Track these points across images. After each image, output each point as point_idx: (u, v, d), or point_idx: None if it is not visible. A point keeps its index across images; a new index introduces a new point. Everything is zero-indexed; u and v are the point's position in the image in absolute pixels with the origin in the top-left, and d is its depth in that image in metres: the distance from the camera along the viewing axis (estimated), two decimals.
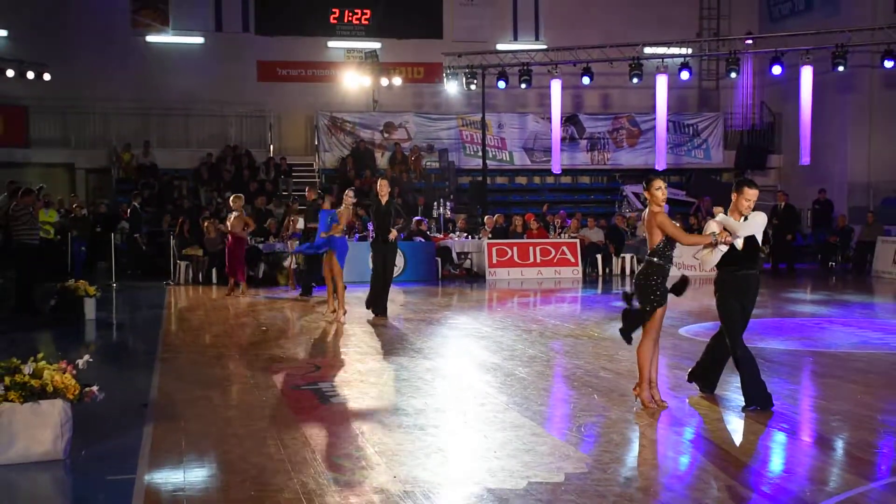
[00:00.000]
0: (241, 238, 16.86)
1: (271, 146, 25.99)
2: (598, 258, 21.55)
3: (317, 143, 25.91)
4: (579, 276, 20.63)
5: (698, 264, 20.06)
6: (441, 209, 22.62)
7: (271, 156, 25.36)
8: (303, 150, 26.53)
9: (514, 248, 20.76)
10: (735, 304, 7.61)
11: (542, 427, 7.21)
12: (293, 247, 17.88)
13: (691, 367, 8.34)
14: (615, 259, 21.62)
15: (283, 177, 24.64)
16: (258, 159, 24.92)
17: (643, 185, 7.71)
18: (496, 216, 22.00)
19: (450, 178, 25.42)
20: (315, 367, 9.83)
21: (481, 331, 12.52)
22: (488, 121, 25.18)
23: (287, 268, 18.88)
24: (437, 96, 26.82)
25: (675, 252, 7.62)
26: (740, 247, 7.51)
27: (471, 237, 21.55)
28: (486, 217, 22.17)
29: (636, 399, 7.72)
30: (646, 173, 27.19)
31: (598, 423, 7.34)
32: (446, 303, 16.47)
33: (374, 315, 13.62)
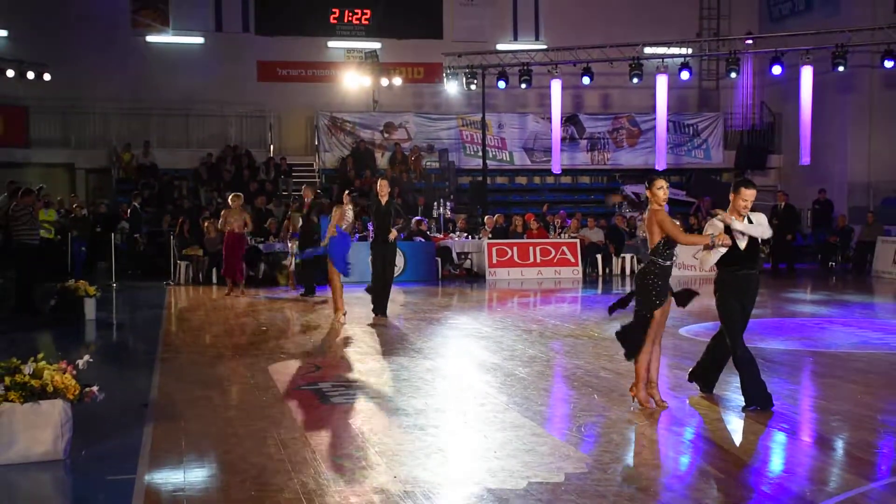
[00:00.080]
0: (240, 236, 16.88)
1: (271, 146, 26.00)
2: (599, 258, 21.56)
3: (317, 143, 25.91)
4: (579, 276, 20.63)
5: (698, 264, 20.09)
6: (441, 209, 22.62)
7: (271, 156, 25.36)
8: (303, 150, 26.53)
9: (515, 248, 20.76)
10: (735, 304, 7.61)
11: (543, 427, 7.21)
12: (293, 247, 17.88)
13: (691, 367, 8.34)
14: (615, 259, 21.63)
15: (283, 177, 24.64)
16: (258, 159, 24.92)
17: (645, 184, 7.72)
18: (496, 216, 22.00)
19: (450, 178, 25.41)
20: (315, 367, 9.83)
21: (481, 331, 12.52)
22: (488, 121, 25.18)
23: (287, 268, 18.88)
24: (438, 96, 26.82)
25: (676, 251, 7.60)
26: (743, 247, 7.53)
27: (471, 237, 21.55)
28: (486, 217, 22.17)
29: (633, 399, 7.72)
30: (646, 173, 27.34)
31: (598, 423, 7.34)
32: (446, 303, 16.47)
33: (375, 315, 13.62)
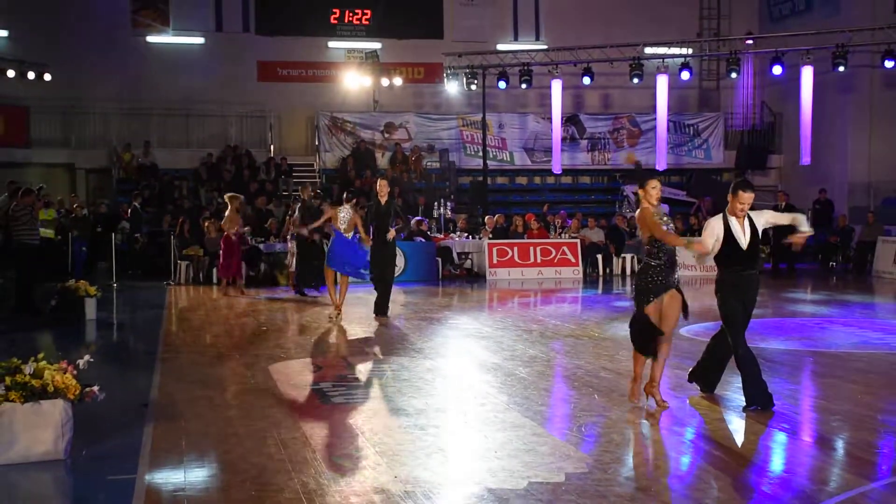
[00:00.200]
0: (238, 236, 16.97)
1: (272, 146, 25.99)
2: (599, 258, 21.55)
3: (317, 144, 25.91)
4: (580, 276, 20.63)
5: (698, 264, 20.09)
6: (441, 209, 22.62)
7: (272, 156, 25.35)
8: (303, 151, 26.53)
9: (515, 249, 20.76)
10: (736, 304, 7.62)
11: (543, 427, 7.21)
12: (293, 247, 17.91)
13: (692, 367, 8.34)
14: (616, 259, 21.62)
15: (283, 177, 24.64)
16: (258, 159, 24.91)
17: (638, 183, 7.79)
18: (497, 216, 22.00)
19: (450, 179, 25.41)
20: (315, 367, 9.84)
21: (482, 331, 12.52)
22: (489, 121, 25.17)
23: (288, 268, 18.88)
24: (438, 96, 26.82)
25: (667, 249, 7.60)
26: (745, 247, 7.54)
27: (471, 237, 21.55)
28: (487, 217, 22.17)
29: (647, 398, 7.71)
30: (647, 173, 27.32)
31: (598, 423, 7.34)
32: (447, 303, 16.47)
33: (375, 315, 13.63)
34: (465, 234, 21.68)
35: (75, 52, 24.58)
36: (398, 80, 25.61)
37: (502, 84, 23.59)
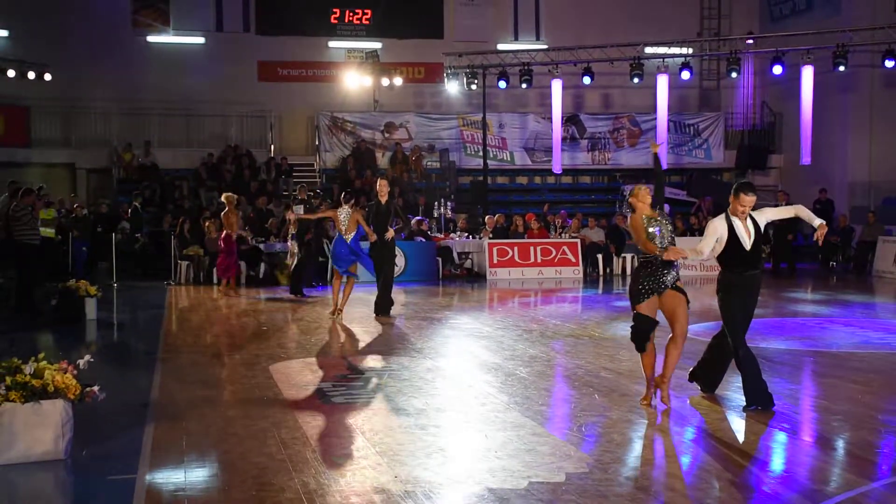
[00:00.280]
0: (230, 236, 17.05)
1: (272, 146, 25.99)
2: (599, 258, 21.56)
3: (317, 143, 25.90)
4: (580, 276, 20.62)
5: (698, 264, 20.11)
6: (442, 209, 22.61)
7: (272, 156, 25.34)
8: (303, 150, 26.52)
9: (515, 248, 20.76)
10: (738, 305, 7.62)
11: (543, 427, 7.21)
12: (294, 246, 17.92)
13: (692, 367, 8.33)
14: (616, 259, 21.63)
15: (283, 177, 24.63)
16: (259, 159, 24.89)
17: (630, 189, 7.87)
18: (497, 216, 21.99)
19: (450, 178, 25.40)
20: (316, 367, 9.84)
21: (482, 331, 12.52)
22: (489, 121, 25.17)
23: (289, 267, 18.87)
24: (438, 96, 26.81)
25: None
26: (748, 248, 7.55)
27: (471, 237, 21.55)
28: (487, 217, 22.16)
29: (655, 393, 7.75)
30: (647, 173, 27.31)
31: (599, 422, 7.33)
32: (447, 303, 16.47)
33: (376, 315, 13.65)
34: (466, 234, 21.68)
35: (76, 52, 24.58)
36: (398, 80, 25.60)
37: (502, 84, 23.60)
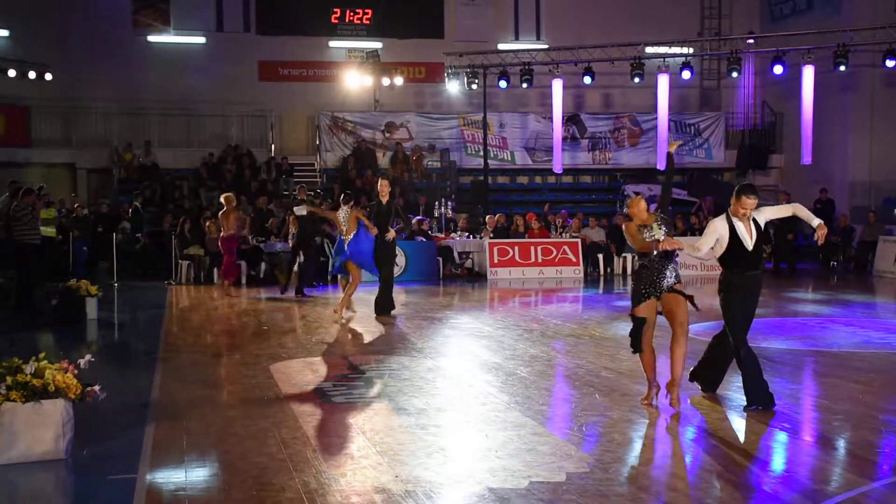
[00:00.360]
0: (233, 236, 17.06)
1: (272, 146, 25.98)
2: (600, 258, 21.55)
3: (318, 143, 25.90)
4: (581, 275, 20.62)
5: (699, 264, 20.12)
6: (442, 209, 22.61)
7: (272, 156, 25.33)
8: (304, 150, 26.52)
9: (516, 248, 20.75)
10: (739, 304, 7.62)
11: (544, 426, 7.21)
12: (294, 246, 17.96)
13: (692, 367, 8.33)
14: (616, 259, 21.61)
15: (284, 177, 24.63)
16: (259, 159, 24.89)
17: (626, 205, 7.90)
18: (497, 216, 21.98)
19: (451, 178, 25.40)
20: (316, 367, 9.83)
21: (483, 330, 12.52)
22: (490, 120, 25.17)
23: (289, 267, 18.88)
24: (439, 96, 26.80)
25: (653, 254, 7.65)
26: (750, 248, 7.55)
27: (472, 237, 21.54)
28: (488, 217, 22.15)
29: (666, 397, 7.71)
30: (648, 173, 27.30)
31: (599, 422, 7.33)
32: (448, 302, 16.47)
33: (377, 314, 13.66)
34: (466, 234, 21.68)
35: (76, 52, 24.58)
36: (399, 80, 25.59)
37: (503, 83, 23.58)
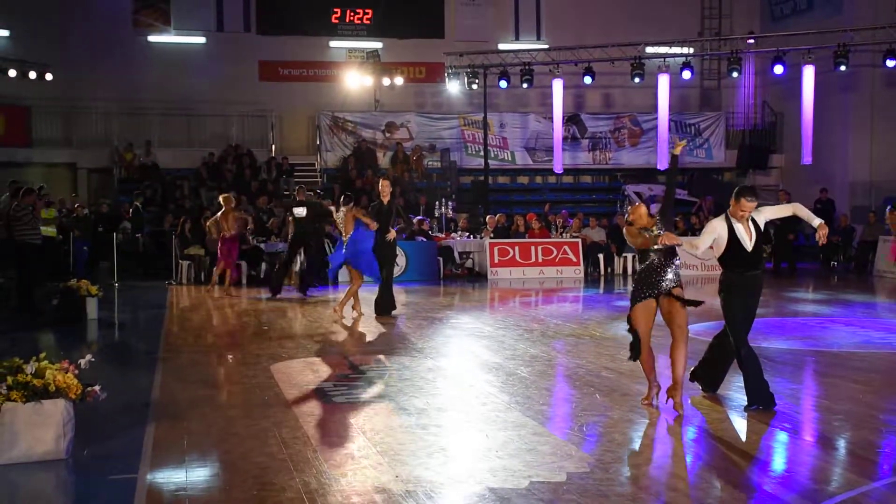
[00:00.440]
0: (234, 237, 17.07)
1: (273, 146, 25.99)
2: (600, 258, 21.55)
3: (318, 143, 25.91)
4: (581, 275, 20.62)
5: (699, 263, 20.12)
6: (443, 209, 22.62)
7: (273, 155, 25.36)
8: (304, 150, 26.53)
9: (516, 248, 20.75)
10: (739, 304, 7.62)
11: (544, 426, 7.21)
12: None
13: (693, 367, 8.33)
14: (617, 259, 21.62)
15: (284, 177, 24.64)
16: (260, 159, 24.91)
17: (628, 210, 7.90)
18: (498, 216, 21.99)
19: (451, 178, 25.41)
20: (317, 367, 9.83)
21: (483, 330, 12.52)
22: (490, 120, 25.18)
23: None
24: (439, 96, 26.82)
25: (652, 255, 7.65)
26: (750, 249, 7.54)
27: (472, 237, 21.55)
28: (488, 216, 22.16)
29: (667, 401, 7.68)
30: (648, 173, 27.28)
31: (600, 422, 7.33)
32: (448, 302, 16.47)
33: (377, 314, 13.66)
34: (467, 234, 21.68)
35: (77, 52, 24.60)
36: (399, 80, 25.62)
37: (503, 83, 23.60)
